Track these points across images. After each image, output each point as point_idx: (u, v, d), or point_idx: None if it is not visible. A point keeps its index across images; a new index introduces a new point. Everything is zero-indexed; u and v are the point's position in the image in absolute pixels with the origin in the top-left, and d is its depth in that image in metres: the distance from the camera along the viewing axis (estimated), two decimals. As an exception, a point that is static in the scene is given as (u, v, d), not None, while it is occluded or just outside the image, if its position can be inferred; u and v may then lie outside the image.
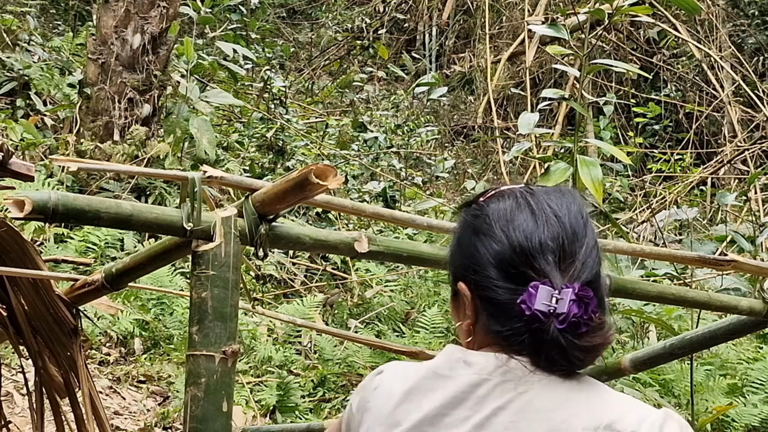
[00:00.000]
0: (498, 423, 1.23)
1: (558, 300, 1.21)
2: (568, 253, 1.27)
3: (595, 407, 1.24)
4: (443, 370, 1.28)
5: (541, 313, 1.21)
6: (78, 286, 2.16)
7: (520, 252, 1.27)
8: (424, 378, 1.29)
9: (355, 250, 1.97)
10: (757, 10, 11.43)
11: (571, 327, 1.21)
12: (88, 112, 7.02)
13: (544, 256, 1.26)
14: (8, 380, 4.64)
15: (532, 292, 1.22)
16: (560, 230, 1.28)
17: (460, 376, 1.27)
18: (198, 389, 1.72)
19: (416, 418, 1.26)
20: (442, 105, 11.46)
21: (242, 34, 9.55)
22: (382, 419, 1.30)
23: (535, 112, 4.94)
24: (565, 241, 1.27)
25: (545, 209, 1.30)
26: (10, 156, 1.72)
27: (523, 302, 1.23)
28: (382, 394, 1.31)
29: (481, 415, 1.24)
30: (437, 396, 1.26)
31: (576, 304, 1.21)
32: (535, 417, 1.23)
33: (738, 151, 9.65)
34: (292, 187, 1.76)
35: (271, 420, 4.99)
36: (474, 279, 1.31)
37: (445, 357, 1.31)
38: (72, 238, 5.89)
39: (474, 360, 1.28)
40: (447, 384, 1.27)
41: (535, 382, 1.25)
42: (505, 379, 1.25)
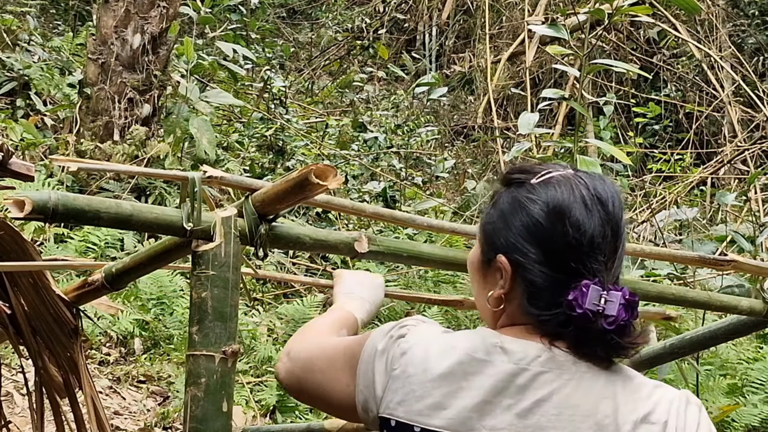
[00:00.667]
0: (541, 415, 1.27)
1: (607, 301, 1.27)
2: (612, 250, 1.32)
3: (633, 400, 1.30)
4: (480, 354, 1.31)
5: (591, 312, 1.27)
6: (78, 286, 2.16)
7: (574, 246, 1.31)
8: (461, 363, 1.31)
9: (355, 250, 1.97)
10: (757, 10, 11.43)
11: (619, 329, 1.27)
12: (88, 112, 7.02)
13: (594, 254, 1.31)
14: (8, 380, 4.64)
15: (585, 291, 1.27)
16: (607, 226, 1.32)
17: (498, 363, 1.30)
18: (198, 389, 1.72)
19: (461, 405, 1.29)
20: (442, 105, 11.46)
21: (242, 34, 9.55)
22: (420, 396, 1.31)
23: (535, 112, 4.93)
24: (611, 238, 1.32)
25: (596, 202, 1.33)
26: (10, 156, 1.72)
27: (575, 300, 1.27)
28: (414, 366, 1.33)
29: (522, 405, 1.28)
30: (478, 382, 1.29)
31: (624, 309, 1.27)
32: (578, 411, 1.27)
33: (738, 151, 9.65)
34: (292, 187, 1.76)
35: (271, 420, 4.99)
36: (519, 259, 1.34)
37: (480, 339, 1.33)
38: (72, 238, 5.89)
39: (511, 348, 1.31)
40: (485, 369, 1.30)
41: (574, 374, 1.29)
42: (544, 370, 1.29)
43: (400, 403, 1.32)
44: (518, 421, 1.27)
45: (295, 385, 1.52)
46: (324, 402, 1.48)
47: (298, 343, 1.55)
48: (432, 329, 1.40)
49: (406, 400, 1.32)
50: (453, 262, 2.15)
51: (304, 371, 1.49)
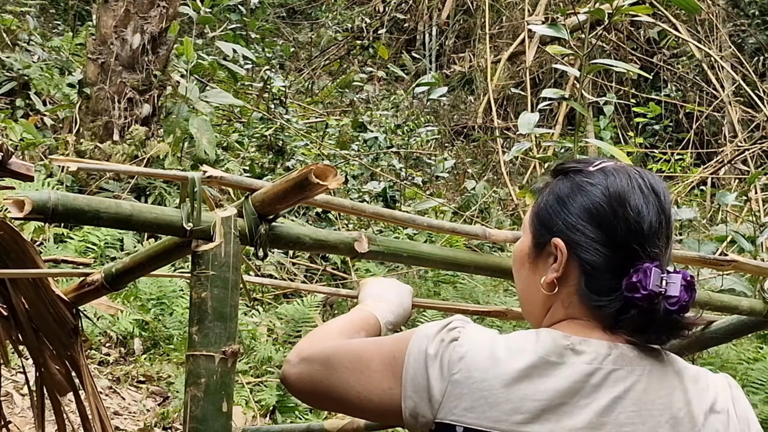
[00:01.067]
0: (619, 412, 1.30)
1: (668, 283, 1.31)
2: (666, 236, 1.36)
3: (698, 390, 1.35)
4: (552, 357, 1.32)
5: (654, 294, 1.30)
6: (78, 286, 2.16)
7: (635, 230, 1.34)
8: (534, 366, 1.31)
9: (355, 250, 1.96)
10: (758, 10, 11.43)
11: (681, 309, 1.31)
12: (87, 112, 7.02)
13: (653, 239, 1.35)
14: (8, 380, 4.64)
15: (648, 273, 1.30)
16: (662, 213, 1.36)
17: (571, 364, 1.31)
18: (198, 389, 1.71)
19: (537, 407, 1.29)
20: (442, 105, 11.46)
21: (242, 34, 9.55)
22: (494, 402, 1.31)
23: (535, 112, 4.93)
24: (665, 224, 1.36)
25: (651, 192, 1.37)
26: (10, 156, 1.72)
27: (639, 281, 1.30)
28: (481, 372, 1.32)
29: (599, 404, 1.30)
30: (552, 384, 1.30)
31: (685, 290, 1.31)
32: (655, 406, 1.31)
33: (738, 151, 9.65)
34: (292, 187, 1.75)
35: (271, 420, 4.99)
36: (577, 240, 1.36)
37: (551, 343, 1.34)
38: (72, 238, 5.89)
39: (582, 348, 1.33)
40: (559, 372, 1.31)
41: (644, 368, 1.33)
42: (616, 368, 1.32)
43: (469, 410, 1.31)
44: (597, 418, 1.29)
45: (309, 388, 1.46)
46: (348, 404, 1.43)
47: (311, 345, 1.49)
48: (485, 331, 1.39)
49: (476, 406, 1.31)
50: (453, 262, 2.14)
51: (323, 374, 1.43)
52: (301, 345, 1.51)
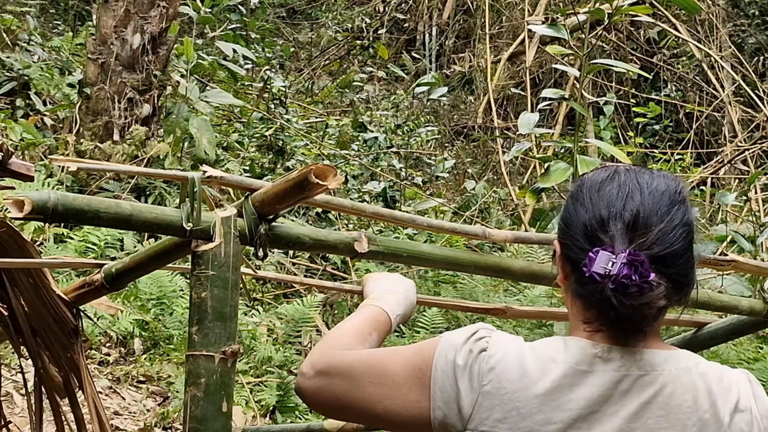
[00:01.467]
0: (648, 417, 1.30)
1: (614, 264, 1.27)
2: (641, 225, 1.32)
3: (722, 390, 1.34)
4: (582, 366, 1.33)
5: (599, 275, 1.28)
6: (78, 286, 2.16)
7: (598, 219, 1.34)
8: (566, 375, 1.32)
9: (355, 250, 1.96)
10: (758, 10, 11.43)
11: (620, 287, 1.27)
12: (87, 112, 7.01)
13: (615, 224, 1.32)
14: (8, 380, 4.64)
15: (593, 256, 1.29)
16: (640, 204, 1.34)
17: (600, 372, 1.32)
18: (198, 389, 1.71)
19: (569, 416, 1.31)
20: (442, 105, 11.45)
21: (242, 34, 9.55)
22: (526, 413, 1.31)
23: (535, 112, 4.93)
24: (642, 214, 1.33)
25: (632, 184, 1.36)
26: (10, 156, 1.72)
27: (585, 265, 1.29)
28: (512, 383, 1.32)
29: (628, 410, 1.31)
30: (583, 393, 1.31)
31: (626, 267, 1.27)
32: (682, 410, 1.31)
33: (738, 151, 9.64)
34: (292, 187, 1.75)
35: (271, 420, 4.99)
36: (563, 238, 1.39)
37: (580, 352, 1.34)
38: (72, 238, 5.89)
39: (610, 356, 1.33)
40: (589, 380, 1.32)
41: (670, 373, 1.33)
42: (642, 373, 1.32)
43: (501, 420, 1.32)
44: (627, 425, 1.30)
45: (330, 402, 1.44)
46: (373, 418, 1.43)
47: (327, 356, 1.47)
48: (512, 339, 1.40)
49: (508, 417, 1.32)
50: (453, 262, 2.14)
51: (344, 387, 1.42)
52: (315, 355, 1.48)
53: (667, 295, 1.29)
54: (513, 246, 6.68)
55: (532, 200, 4.93)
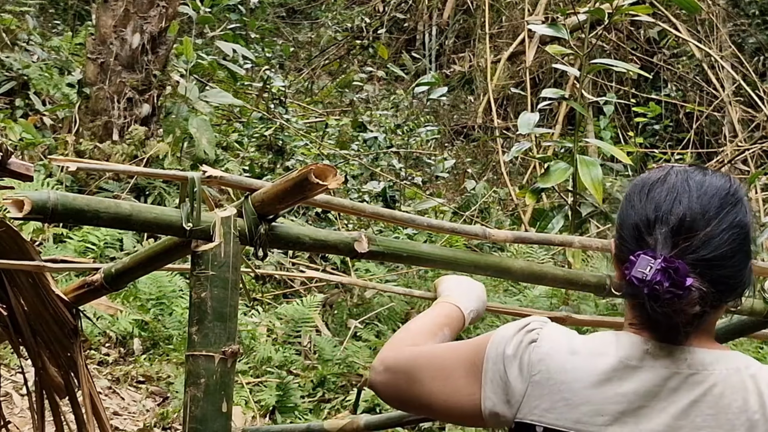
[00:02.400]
0: (696, 416, 1.31)
1: (650, 269, 1.28)
2: (686, 229, 1.32)
3: None
4: (632, 361, 1.34)
5: (636, 280, 1.29)
6: (78, 286, 2.16)
7: (645, 221, 1.35)
8: (616, 369, 1.34)
9: (354, 250, 1.96)
10: (758, 9, 11.43)
11: (652, 294, 1.28)
12: (87, 111, 7.01)
13: (660, 228, 1.33)
14: (7, 380, 4.64)
15: (633, 260, 1.30)
16: (687, 208, 1.34)
17: (650, 367, 1.33)
18: (197, 390, 1.71)
19: (617, 410, 1.32)
20: (442, 105, 11.45)
21: (241, 34, 9.54)
22: (575, 404, 1.33)
23: (535, 112, 4.93)
24: (687, 218, 1.33)
25: (682, 186, 1.36)
26: (9, 156, 1.71)
27: (627, 268, 1.30)
28: (561, 373, 1.35)
29: (677, 407, 1.32)
30: (632, 387, 1.33)
31: (660, 273, 1.27)
32: (731, 410, 1.31)
33: (738, 151, 9.64)
34: (291, 187, 1.75)
35: (270, 420, 4.99)
36: (616, 238, 1.42)
37: (631, 347, 1.36)
38: (71, 238, 5.89)
39: (660, 353, 1.34)
40: (638, 375, 1.33)
41: (720, 373, 1.33)
42: (693, 372, 1.33)
43: (549, 410, 1.35)
44: (675, 421, 1.31)
45: (395, 396, 1.52)
46: (433, 410, 1.48)
47: (396, 352, 1.54)
48: (563, 331, 1.42)
49: (557, 407, 1.34)
50: (453, 262, 2.14)
51: (407, 383, 1.48)
52: (385, 351, 1.56)
53: (706, 300, 1.29)
54: (513, 246, 6.68)
55: (532, 200, 4.93)
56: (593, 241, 2.38)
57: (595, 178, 4.42)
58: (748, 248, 1.37)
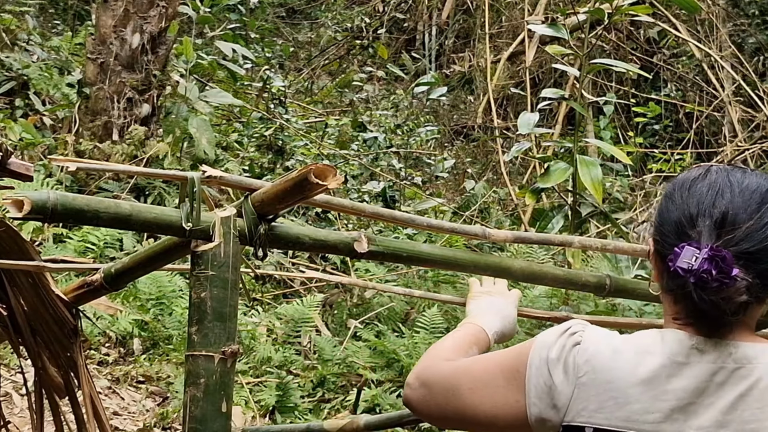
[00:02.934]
0: (743, 409, 1.31)
1: (696, 258, 1.30)
2: (729, 222, 1.34)
3: None
4: (679, 358, 1.35)
5: (682, 270, 1.30)
6: (77, 286, 2.16)
7: (687, 216, 1.36)
8: (663, 366, 1.34)
9: (354, 250, 1.96)
10: (758, 9, 11.42)
11: (700, 281, 1.29)
12: (87, 111, 7.01)
13: (703, 221, 1.35)
14: (7, 380, 4.63)
15: (678, 251, 1.31)
16: (729, 202, 1.35)
17: (696, 363, 1.34)
18: (197, 389, 1.71)
19: (667, 407, 1.33)
20: (442, 105, 11.45)
21: (241, 34, 9.54)
22: (623, 403, 1.34)
23: (535, 112, 4.93)
24: (730, 212, 1.34)
25: (723, 182, 1.38)
26: (9, 156, 1.71)
27: (670, 260, 1.32)
28: (608, 373, 1.35)
29: (725, 401, 1.32)
30: (680, 384, 1.33)
31: (707, 262, 1.29)
32: None
33: (738, 151, 9.64)
34: (291, 187, 1.75)
35: (270, 420, 4.99)
36: (656, 235, 1.43)
37: (678, 344, 1.36)
38: (71, 238, 5.88)
39: (706, 348, 1.35)
40: (685, 371, 1.34)
41: (766, 365, 1.33)
42: (738, 366, 1.33)
43: (598, 410, 1.35)
44: (723, 416, 1.32)
45: (433, 411, 1.52)
46: (477, 423, 1.48)
47: (430, 368, 1.55)
48: (606, 333, 1.42)
49: (605, 407, 1.35)
50: (453, 262, 2.14)
51: (447, 397, 1.49)
52: (420, 368, 1.57)
53: (751, 290, 1.31)
54: (513, 246, 6.67)
55: (531, 200, 4.93)
56: (593, 241, 2.38)
57: (595, 178, 4.42)
58: None
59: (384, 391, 5.25)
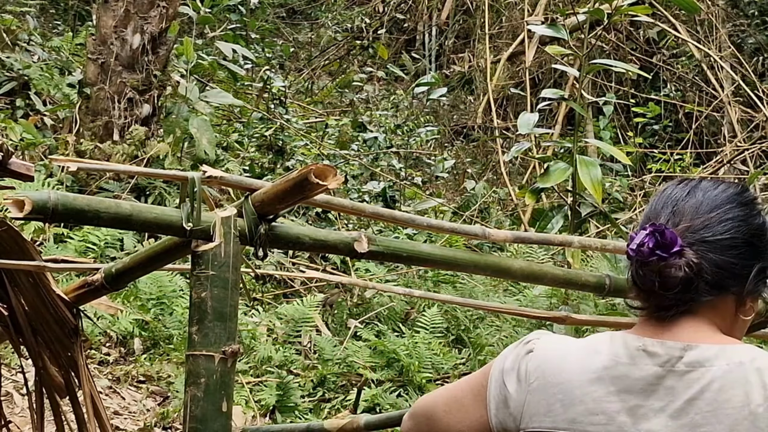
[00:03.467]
0: (695, 413, 1.29)
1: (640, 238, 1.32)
2: (689, 213, 1.36)
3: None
4: (624, 359, 1.34)
5: (630, 251, 1.33)
6: (78, 286, 2.16)
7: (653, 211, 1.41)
8: (606, 368, 1.33)
9: (354, 250, 1.97)
10: (757, 10, 11.43)
11: (639, 254, 1.31)
12: (87, 112, 7.01)
13: (665, 211, 1.38)
14: (8, 380, 4.64)
15: (633, 236, 1.33)
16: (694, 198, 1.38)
17: (644, 366, 1.32)
18: (197, 389, 1.72)
19: (611, 409, 1.31)
20: (442, 105, 11.45)
21: (242, 34, 9.55)
22: (568, 404, 1.33)
23: (535, 112, 4.93)
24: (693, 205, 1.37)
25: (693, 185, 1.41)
26: (10, 156, 1.72)
27: (627, 245, 1.34)
28: (555, 376, 1.35)
29: (674, 406, 1.30)
30: (624, 386, 1.32)
31: (649, 236, 1.31)
32: (731, 405, 1.28)
33: (738, 151, 9.64)
34: (291, 187, 1.75)
35: (270, 420, 4.99)
36: None
37: (623, 345, 1.35)
38: (72, 238, 5.89)
39: (654, 350, 1.33)
40: (632, 373, 1.32)
41: (720, 368, 1.30)
42: (689, 369, 1.31)
43: (547, 414, 1.35)
44: (673, 422, 1.29)
45: None
46: None
47: (417, 403, 1.59)
48: (560, 338, 1.43)
49: (552, 410, 1.34)
50: (453, 262, 2.14)
51: (428, 424, 1.51)
52: (415, 403, 1.62)
53: (698, 274, 1.31)
54: (513, 246, 6.68)
55: (531, 200, 4.93)
56: (593, 241, 2.38)
57: (594, 179, 4.42)
58: (760, 246, 1.39)
59: (384, 391, 5.25)
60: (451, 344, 5.94)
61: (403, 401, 5.19)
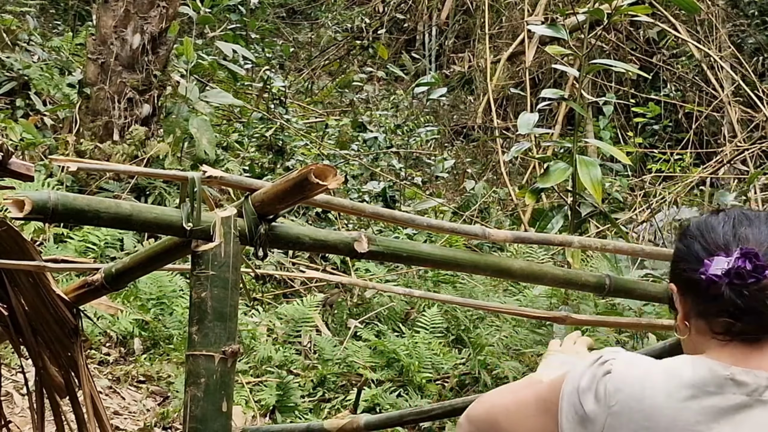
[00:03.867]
0: None
1: (729, 262, 1.31)
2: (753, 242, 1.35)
3: None
4: (711, 387, 1.33)
5: (716, 276, 1.31)
6: (78, 286, 2.16)
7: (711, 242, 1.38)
8: (695, 397, 1.32)
9: (354, 250, 1.97)
10: (757, 10, 11.43)
11: (736, 278, 1.29)
12: (87, 112, 7.01)
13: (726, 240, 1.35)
14: (8, 380, 4.64)
15: (708, 263, 1.33)
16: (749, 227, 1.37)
17: (730, 395, 1.32)
18: (198, 389, 1.72)
19: None
20: (442, 105, 11.45)
21: (242, 34, 9.55)
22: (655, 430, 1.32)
23: (535, 112, 4.94)
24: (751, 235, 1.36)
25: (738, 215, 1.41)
26: (10, 156, 1.72)
27: (702, 273, 1.32)
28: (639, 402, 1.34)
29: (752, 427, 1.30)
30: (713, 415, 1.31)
31: (741, 260, 1.29)
32: None
33: (738, 151, 9.64)
34: (291, 187, 1.76)
35: (270, 420, 4.99)
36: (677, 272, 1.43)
37: (709, 373, 1.34)
38: (72, 238, 5.89)
39: (742, 379, 1.32)
40: (720, 403, 1.31)
41: None
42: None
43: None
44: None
45: None
46: None
47: (475, 406, 1.60)
48: (636, 359, 1.42)
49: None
50: (453, 262, 2.15)
51: (486, 429, 1.53)
52: (472, 406, 1.62)
53: None
54: (513, 246, 6.68)
55: (531, 200, 4.93)
56: (593, 241, 2.38)
57: (594, 178, 4.42)
58: None
59: (384, 391, 5.25)
60: (451, 344, 5.94)
61: (402, 401, 5.19)
